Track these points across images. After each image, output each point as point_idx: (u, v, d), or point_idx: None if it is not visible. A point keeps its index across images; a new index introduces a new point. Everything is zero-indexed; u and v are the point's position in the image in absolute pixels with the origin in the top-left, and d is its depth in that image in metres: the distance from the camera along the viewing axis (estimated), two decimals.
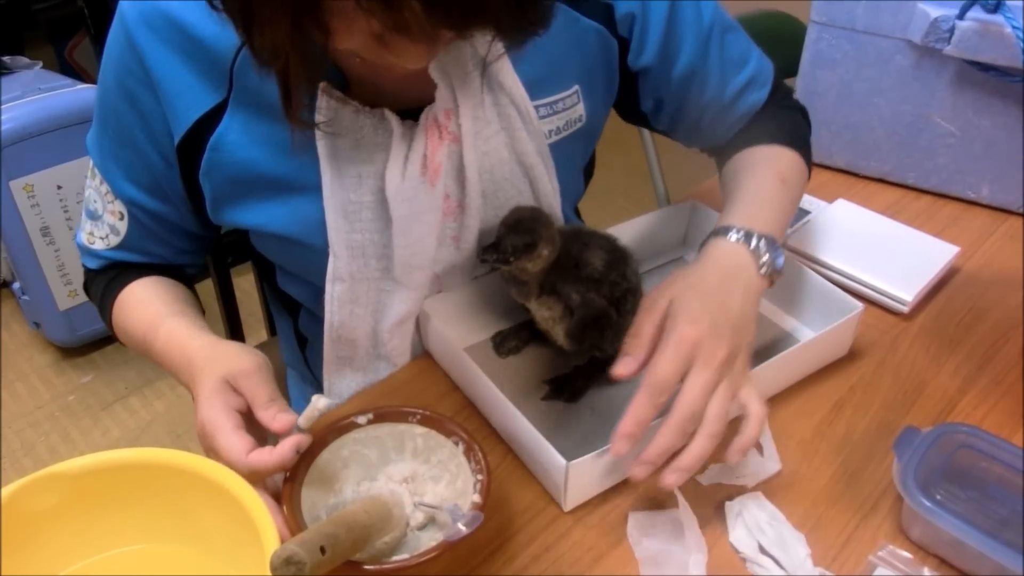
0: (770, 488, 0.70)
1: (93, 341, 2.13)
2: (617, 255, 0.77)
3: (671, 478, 0.62)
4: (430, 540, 0.64)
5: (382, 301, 0.78)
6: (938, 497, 0.64)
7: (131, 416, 1.97)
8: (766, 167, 0.81)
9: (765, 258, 0.70)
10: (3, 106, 1.81)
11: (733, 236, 0.71)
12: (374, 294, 0.77)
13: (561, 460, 0.65)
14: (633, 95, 0.85)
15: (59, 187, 1.88)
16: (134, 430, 1.93)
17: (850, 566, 0.64)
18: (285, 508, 0.62)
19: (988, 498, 0.65)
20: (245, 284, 1.31)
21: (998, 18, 0.92)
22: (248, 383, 0.64)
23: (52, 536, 0.62)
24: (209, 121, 0.70)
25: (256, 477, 0.61)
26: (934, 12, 0.97)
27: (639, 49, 0.80)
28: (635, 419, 0.62)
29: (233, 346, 0.69)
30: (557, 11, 0.59)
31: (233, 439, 0.61)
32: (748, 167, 0.82)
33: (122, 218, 0.78)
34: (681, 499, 0.68)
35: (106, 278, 0.82)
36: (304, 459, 0.65)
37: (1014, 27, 0.91)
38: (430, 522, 0.66)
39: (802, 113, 0.93)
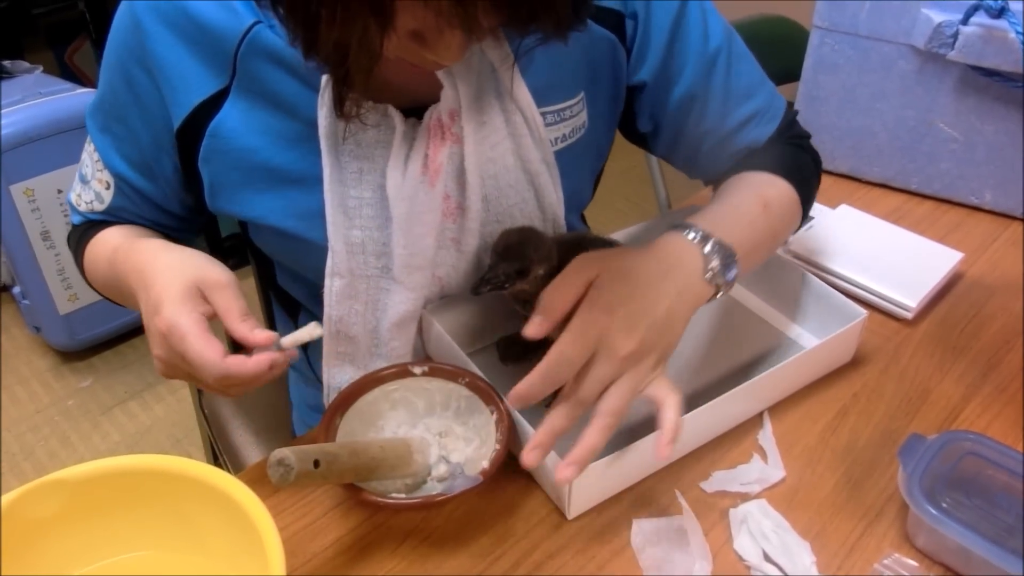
0: (774, 495, 0.70)
1: (93, 345, 2.13)
2: None
3: (564, 472, 0.60)
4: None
5: (382, 300, 0.77)
6: (944, 505, 0.64)
7: (131, 420, 1.97)
8: (752, 191, 0.77)
9: (714, 263, 0.67)
10: (3, 110, 1.81)
11: (690, 235, 0.68)
12: (373, 292, 0.77)
13: None
14: (631, 112, 0.84)
15: (59, 191, 1.88)
16: (134, 434, 1.93)
17: (855, 574, 0.64)
18: (322, 426, 0.67)
19: (994, 506, 0.65)
20: (245, 287, 1.30)
21: (1002, 23, 0.92)
22: (223, 296, 0.63)
23: (53, 543, 0.61)
24: (210, 107, 0.70)
25: (228, 383, 0.61)
26: (937, 17, 0.96)
27: (638, 61, 0.79)
28: (527, 389, 0.61)
29: (199, 254, 0.68)
30: None
31: (206, 342, 0.60)
32: (733, 187, 0.79)
33: (108, 187, 0.80)
34: (685, 506, 0.68)
35: (83, 228, 0.84)
36: (353, 392, 0.70)
37: (1018, 32, 0.91)
38: (450, 477, 0.69)
39: (812, 157, 0.87)
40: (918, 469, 0.65)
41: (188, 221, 0.86)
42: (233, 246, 1.14)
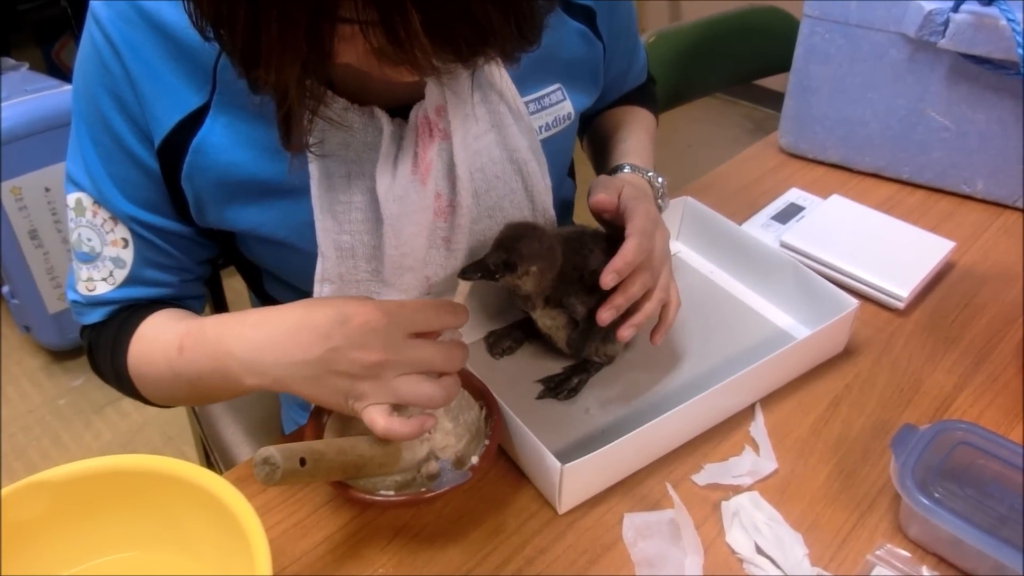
0: (766, 488, 0.70)
1: None
2: None
3: (625, 332, 0.72)
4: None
5: None
6: (936, 495, 0.64)
7: (123, 419, 1.96)
8: (640, 127, 0.97)
9: (658, 183, 0.87)
10: None
11: (644, 175, 0.87)
12: (363, 296, 0.76)
13: (556, 463, 0.64)
14: None
15: (47, 189, 1.86)
16: (126, 433, 1.92)
17: (848, 565, 0.64)
18: (310, 425, 0.68)
19: (986, 495, 0.65)
20: (237, 284, 1.29)
21: (993, 11, 0.92)
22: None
23: (39, 544, 0.61)
24: (191, 123, 0.67)
25: (446, 312, 0.64)
26: (928, 5, 0.96)
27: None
28: (622, 261, 0.69)
29: None
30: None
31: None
32: (626, 123, 0.97)
33: (126, 245, 0.73)
34: (677, 500, 0.68)
35: (116, 323, 0.75)
36: None
37: (1009, 20, 0.90)
38: (440, 473, 0.68)
39: (650, 78, 1.07)
40: (910, 459, 0.65)
41: (212, 258, 0.81)
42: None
